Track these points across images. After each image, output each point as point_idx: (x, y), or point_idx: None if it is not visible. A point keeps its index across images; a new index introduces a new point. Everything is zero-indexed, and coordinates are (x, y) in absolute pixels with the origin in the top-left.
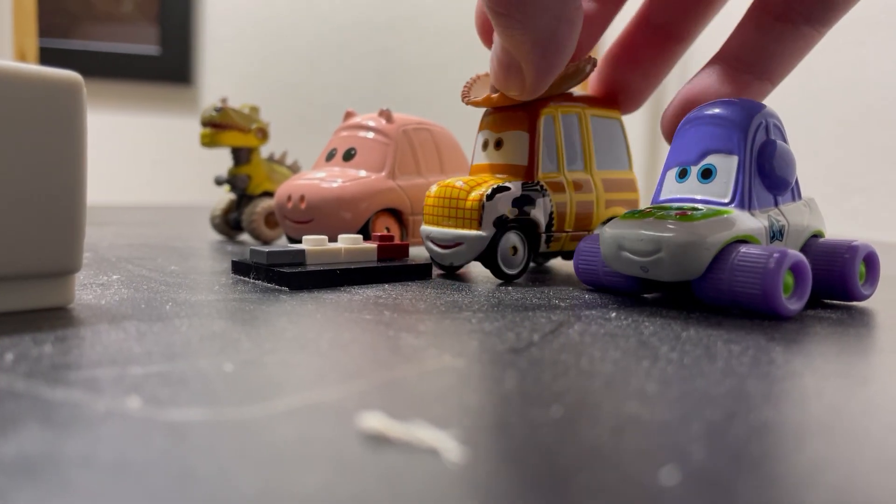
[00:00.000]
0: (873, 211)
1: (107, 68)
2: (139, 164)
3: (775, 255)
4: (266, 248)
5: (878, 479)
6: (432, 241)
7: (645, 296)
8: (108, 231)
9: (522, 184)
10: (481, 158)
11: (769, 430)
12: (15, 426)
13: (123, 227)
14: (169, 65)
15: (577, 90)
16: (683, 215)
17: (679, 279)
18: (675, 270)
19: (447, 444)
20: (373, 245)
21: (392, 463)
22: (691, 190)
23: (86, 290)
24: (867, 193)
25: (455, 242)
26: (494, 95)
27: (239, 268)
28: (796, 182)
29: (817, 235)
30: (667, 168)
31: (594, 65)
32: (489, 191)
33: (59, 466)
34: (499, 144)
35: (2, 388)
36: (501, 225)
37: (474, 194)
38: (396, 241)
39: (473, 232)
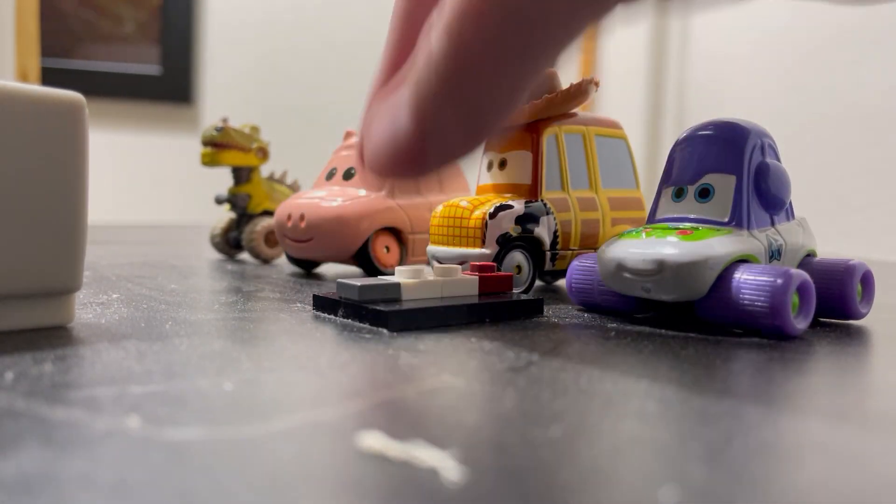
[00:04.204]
0: (870, 230)
1: (108, 88)
2: (140, 183)
3: (783, 274)
4: (356, 282)
5: (876, 499)
6: (438, 261)
7: (643, 315)
8: (109, 250)
9: (526, 202)
10: (486, 179)
11: (768, 450)
12: (15, 445)
13: (123, 246)
14: (170, 84)
15: (579, 110)
16: (685, 234)
17: (681, 299)
18: (678, 290)
19: (446, 464)
20: (473, 277)
21: (391, 482)
22: (689, 209)
23: (86, 308)
24: (865, 212)
25: (459, 261)
26: None
27: (322, 304)
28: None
29: (811, 255)
30: (662, 187)
31: (598, 85)
32: (492, 209)
33: (59, 486)
34: (503, 165)
35: (1, 407)
36: (505, 243)
37: (477, 213)
38: (493, 271)
39: (477, 250)
